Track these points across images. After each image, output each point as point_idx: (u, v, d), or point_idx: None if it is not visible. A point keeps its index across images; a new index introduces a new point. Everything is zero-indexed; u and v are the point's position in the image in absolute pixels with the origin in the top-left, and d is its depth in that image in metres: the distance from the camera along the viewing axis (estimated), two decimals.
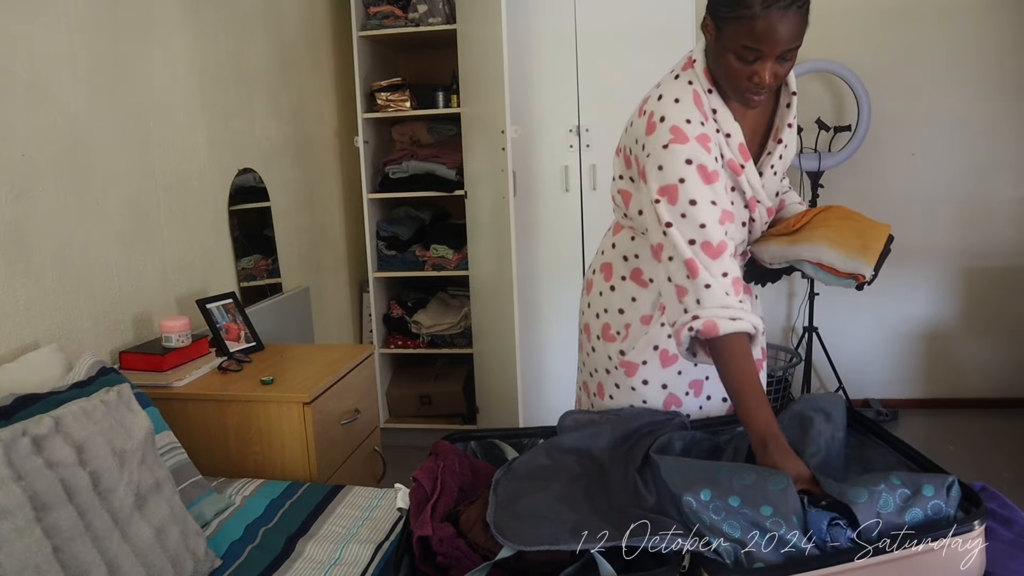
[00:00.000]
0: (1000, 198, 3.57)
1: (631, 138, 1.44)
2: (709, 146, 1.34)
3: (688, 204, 1.31)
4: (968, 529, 1.07)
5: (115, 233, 2.01)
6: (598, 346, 1.62)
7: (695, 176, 1.32)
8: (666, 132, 1.34)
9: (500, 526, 1.12)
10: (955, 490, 1.13)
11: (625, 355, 1.56)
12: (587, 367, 1.68)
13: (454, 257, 3.42)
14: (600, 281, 1.62)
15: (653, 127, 1.36)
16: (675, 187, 1.32)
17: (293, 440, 1.88)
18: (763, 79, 1.28)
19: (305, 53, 3.16)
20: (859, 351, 3.75)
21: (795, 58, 1.31)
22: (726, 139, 1.38)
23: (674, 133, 1.33)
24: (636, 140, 1.41)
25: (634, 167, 1.45)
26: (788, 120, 1.47)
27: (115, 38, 2.02)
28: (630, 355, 1.55)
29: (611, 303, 1.59)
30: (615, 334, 1.58)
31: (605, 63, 3.09)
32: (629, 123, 1.47)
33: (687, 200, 1.31)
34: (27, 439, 1.22)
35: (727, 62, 1.30)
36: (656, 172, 1.34)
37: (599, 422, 1.46)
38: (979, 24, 3.46)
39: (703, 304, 1.29)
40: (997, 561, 1.15)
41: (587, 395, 1.70)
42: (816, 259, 1.44)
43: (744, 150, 1.39)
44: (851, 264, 1.41)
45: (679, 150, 1.32)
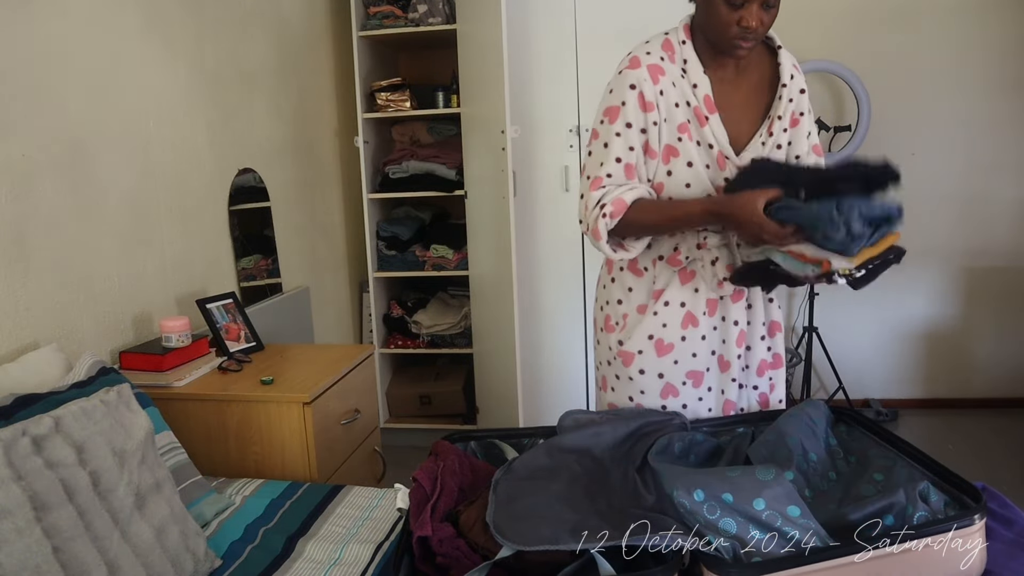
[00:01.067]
0: (1000, 198, 3.57)
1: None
2: (659, 78, 1.45)
3: (625, 127, 1.44)
4: (968, 523, 1.07)
5: (115, 233, 2.01)
6: (601, 338, 1.66)
7: (634, 101, 1.44)
8: (624, 60, 1.49)
9: (500, 526, 1.12)
10: (933, 495, 1.13)
11: (623, 345, 1.58)
12: (596, 360, 1.72)
13: (454, 257, 3.42)
14: (604, 274, 1.67)
15: (619, 64, 1.50)
16: (617, 109, 1.45)
17: (293, 440, 1.88)
18: (749, 23, 1.35)
19: (305, 53, 3.16)
20: (859, 351, 3.75)
21: (778, 4, 1.39)
22: (693, 89, 1.45)
23: (631, 61, 1.47)
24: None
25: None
26: (779, 112, 1.49)
27: (115, 38, 2.02)
28: (627, 344, 1.58)
29: (611, 295, 1.63)
30: (614, 325, 1.61)
31: (605, 63, 3.06)
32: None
33: (624, 123, 1.44)
34: (27, 439, 1.22)
35: (716, 10, 1.38)
36: (607, 96, 1.48)
37: (599, 422, 1.46)
38: (979, 24, 3.46)
39: (605, 199, 1.43)
40: (997, 561, 1.15)
41: (598, 389, 1.73)
42: (790, 248, 1.36)
43: (709, 101, 1.45)
44: (819, 252, 1.30)
45: (629, 74, 1.45)
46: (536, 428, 1.54)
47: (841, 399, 3.63)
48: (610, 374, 1.63)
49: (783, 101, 1.49)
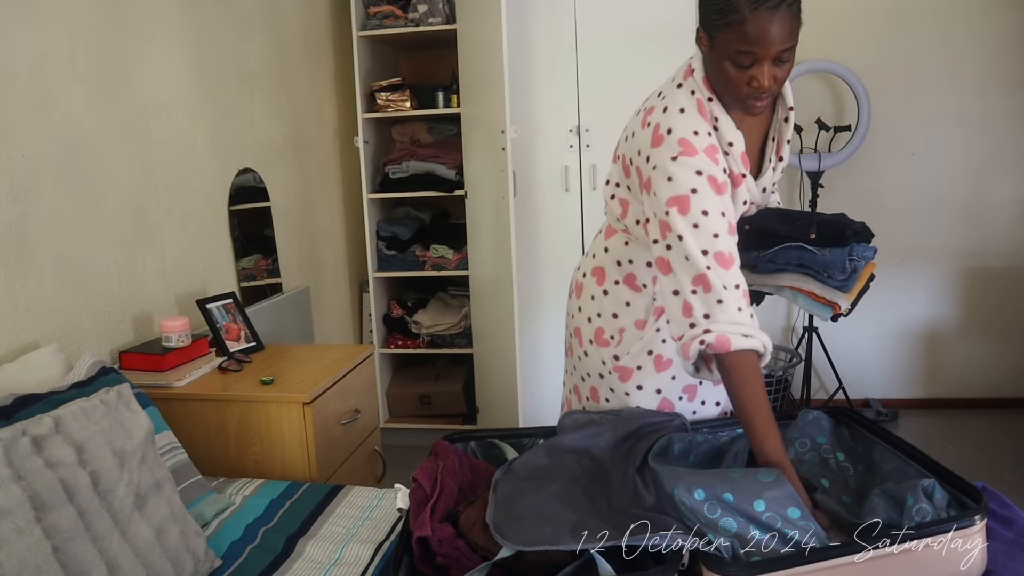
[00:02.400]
0: (1000, 198, 3.57)
1: (632, 149, 1.42)
2: (716, 157, 1.33)
3: (701, 215, 1.28)
4: (969, 524, 1.07)
5: (115, 233, 2.01)
6: (591, 350, 1.60)
7: (706, 187, 1.30)
8: (675, 144, 1.32)
9: (500, 526, 1.12)
10: (938, 493, 1.14)
11: (619, 360, 1.55)
12: (578, 371, 1.66)
13: (454, 257, 3.42)
14: (592, 285, 1.60)
15: (660, 139, 1.34)
16: (687, 197, 1.29)
17: (293, 440, 1.88)
18: (761, 83, 1.26)
19: (305, 53, 3.16)
20: (859, 351, 3.74)
21: (792, 59, 1.30)
22: (728, 147, 1.37)
23: (683, 145, 1.32)
24: (639, 152, 1.39)
25: (634, 177, 1.42)
26: (787, 136, 1.46)
27: (115, 38, 2.02)
28: (624, 360, 1.54)
29: (604, 307, 1.57)
30: (608, 339, 1.56)
31: (605, 63, 3.09)
32: (630, 133, 1.45)
33: (700, 211, 1.28)
34: (27, 439, 1.22)
35: (724, 71, 1.29)
36: (666, 184, 1.31)
37: (599, 422, 1.46)
38: (979, 24, 3.46)
39: (714, 318, 1.25)
40: (997, 561, 1.15)
41: (578, 399, 1.68)
42: (795, 284, 1.52)
43: (745, 159, 1.38)
44: (829, 292, 1.49)
45: (689, 162, 1.31)
46: (536, 428, 1.54)
47: (841, 399, 3.64)
48: (603, 387, 1.59)
49: (789, 124, 1.45)
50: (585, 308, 1.62)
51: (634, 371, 1.54)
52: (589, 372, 1.62)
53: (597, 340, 1.59)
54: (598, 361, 1.59)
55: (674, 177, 1.31)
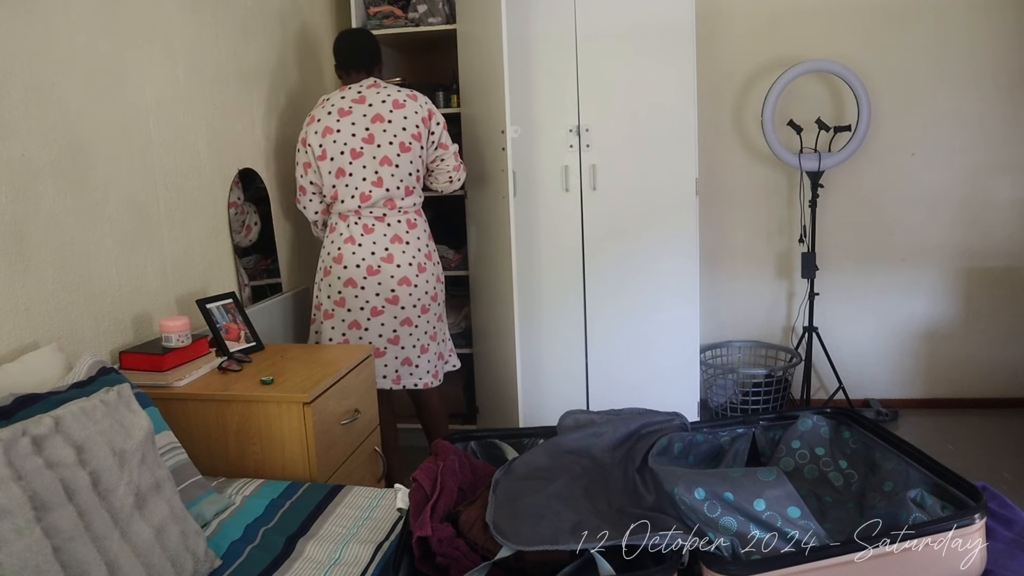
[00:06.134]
0: (1000, 198, 3.57)
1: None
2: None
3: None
4: (968, 523, 1.07)
5: (115, 233, 2.01)
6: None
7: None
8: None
9: (499, 526, 1.12)
10: (928, 500, 1.14)
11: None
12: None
13: (454, 257, 3.42)
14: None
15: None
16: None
17: (293, 440, 1.88)
18: None
19: (305, 53, 3.16)
20: (859, 351, 3.75)
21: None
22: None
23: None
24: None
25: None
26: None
27: (115, 38, 2.02)
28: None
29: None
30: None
31: (605, 63, 3.09)
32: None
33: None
34: (27, 439, 1.22)
35: None
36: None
37: (599, 422, 1.46)
38: (980, 24, 3.46)
39: None
40: (997, 561, 1.15)
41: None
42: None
43: None
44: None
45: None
46: (536, 428, 1.54)
47: (841, 399, 3.64)
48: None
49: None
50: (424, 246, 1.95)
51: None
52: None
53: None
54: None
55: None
